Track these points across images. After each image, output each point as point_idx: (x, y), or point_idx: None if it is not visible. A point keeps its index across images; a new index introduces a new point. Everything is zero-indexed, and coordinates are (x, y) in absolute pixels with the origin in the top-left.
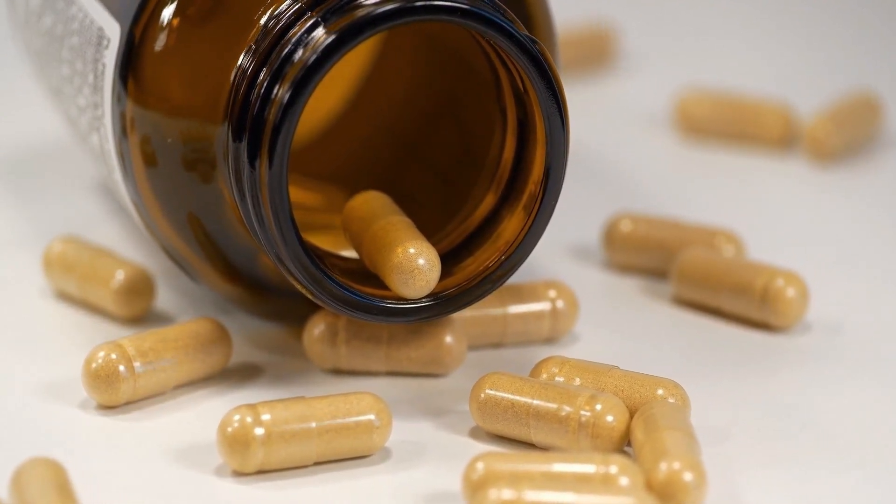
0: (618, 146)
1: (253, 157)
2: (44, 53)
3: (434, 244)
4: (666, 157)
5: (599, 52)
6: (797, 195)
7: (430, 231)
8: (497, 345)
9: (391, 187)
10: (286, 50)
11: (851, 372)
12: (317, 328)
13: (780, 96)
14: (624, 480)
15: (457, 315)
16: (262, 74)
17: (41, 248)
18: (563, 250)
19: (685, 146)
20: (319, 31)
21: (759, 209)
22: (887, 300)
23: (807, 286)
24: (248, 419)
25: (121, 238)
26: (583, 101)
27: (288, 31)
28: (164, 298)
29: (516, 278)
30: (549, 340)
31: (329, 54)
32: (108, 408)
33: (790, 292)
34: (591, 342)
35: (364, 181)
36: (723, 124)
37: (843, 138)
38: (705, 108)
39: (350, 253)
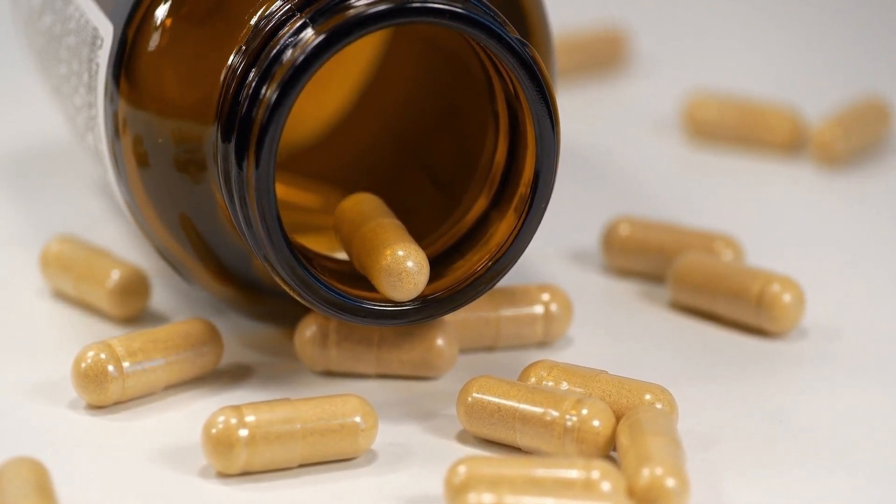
0: (625, 149)
1: (240, 158)
2: (44, 52)
3: (426, 246)
4: (672, 160)
5: (609, 54)
6: (803, 200)
7: (424, 233)
8: (490, 348)
9: (390, 189)
10: (275, 50)
11: (847, 378)
12: (308, 330)
13: (788, 100)
14: (606, 486)
15: (449, 317)
16: (251, 74)
17: (40, 247)
18: (564, 253)
19: (692, 149)
20: (308, 32)
21: (765, 213)
22: (886, 306)
23: (803, 292)
24: (233, 420)
25: (120, 238)
26: (591, 104)
27: (278, 32)
28: (160, 299)
29: (514, 281)
30: (543, 344)
31: (317, 55)
32: (97, 408)
33: (786, 298)
34: (585, 346)
35: (363, 183)
36: (730, 128)
37: (851, 143)
38: (713, 112)
39: (344, 255)
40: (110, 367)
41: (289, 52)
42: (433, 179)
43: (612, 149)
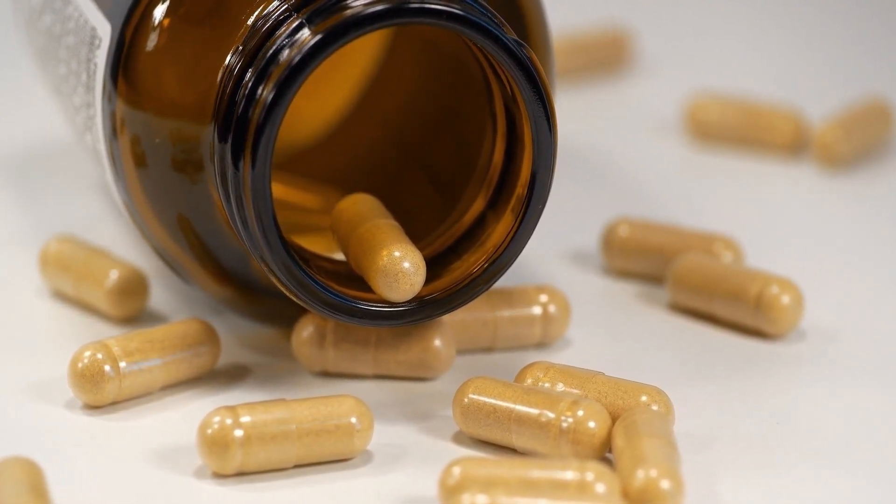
0: (626, 149)
1: (236, 158)
2: (44, 52)
3: (424, 247)
4: (675, 161)
5: (611, 55)
6: (804, 201)
7: (423, 234)
8: (488, 349)
9: (389, 190)
10: (272, 50)
11: (846, 380)
12: (305, 330)
13: (790, 101)
14: (600, 487)
15: (446, 318)
16: (247, 74)
17: (40, 247)
18: (564, 254)
19: (694, 150)
20: (305, 32)
21: (766, 215)
22: (885, 308)
23: (801, 293)
24: (228, 421)
25: (119, 238)
26: (592, 104)
27: (275, 32)
28: (159, 299)
29: (513, 282)
30: (541, 345)
31: (313, 55)
32: (93, 408)
33: (784, 300)
34: (583, 347)
35: (362, 183)
36: (733, 129)
37: (853, 144)
38: (715, 113)
39: (341, 255)
40: (107, 367)
41: (285, 52)
42: (432, 180)
43: (613, 149)
